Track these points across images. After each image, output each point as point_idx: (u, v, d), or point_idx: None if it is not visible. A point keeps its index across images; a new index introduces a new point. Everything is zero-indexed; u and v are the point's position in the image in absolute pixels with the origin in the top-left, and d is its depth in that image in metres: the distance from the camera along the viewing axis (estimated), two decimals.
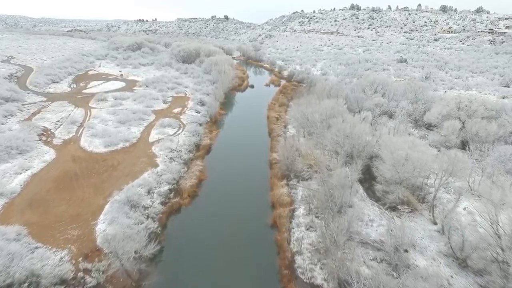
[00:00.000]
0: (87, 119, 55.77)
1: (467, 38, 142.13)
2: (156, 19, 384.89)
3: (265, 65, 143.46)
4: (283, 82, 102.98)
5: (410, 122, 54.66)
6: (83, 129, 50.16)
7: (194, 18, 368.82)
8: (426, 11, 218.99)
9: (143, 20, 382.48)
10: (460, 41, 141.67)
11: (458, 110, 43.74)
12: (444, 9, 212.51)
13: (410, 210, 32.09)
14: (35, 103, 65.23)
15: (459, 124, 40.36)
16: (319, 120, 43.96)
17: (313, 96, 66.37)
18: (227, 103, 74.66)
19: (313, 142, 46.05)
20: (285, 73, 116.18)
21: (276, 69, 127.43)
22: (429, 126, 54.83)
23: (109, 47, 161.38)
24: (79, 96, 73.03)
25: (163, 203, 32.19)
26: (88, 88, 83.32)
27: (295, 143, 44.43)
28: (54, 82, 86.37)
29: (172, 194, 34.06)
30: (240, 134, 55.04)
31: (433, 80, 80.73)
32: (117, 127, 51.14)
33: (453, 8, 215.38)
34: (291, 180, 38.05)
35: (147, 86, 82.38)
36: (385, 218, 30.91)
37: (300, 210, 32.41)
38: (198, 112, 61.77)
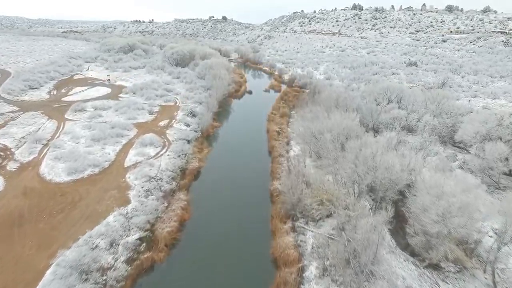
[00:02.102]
0: (57, 135, 47.75)
1: (478, 39, 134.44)
2: (153, 20, 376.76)
3: (264, 68, 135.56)
4: (283, 87, 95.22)
5: (434, 136, 46.79)
6: (48, 149, 42.12)
7: (192, 19, 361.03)
8: (431, 11, 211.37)
9: (139, 21, 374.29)
10: (470, 42, 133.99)
11: (500, 127, 35.85)
12: (450, 9, 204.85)
13: (457, 269, 24.22)
14: (3, 114, 57.27)
15: (506, 148, 32.44)
16: (331, 139, 36.03)
17: (319, 106, 58.64)
18: (222, 112, 66.71)
19: (323, 167, 38.22)
20: (286, 77, 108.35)
21: (276, 73, 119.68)
22: (456, 142, 47.09)
23: (100, 49, 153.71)
24: (56, 105, 65.14)
25: (129, 261, 24.19)
26: (70, 95, 75.46)
27: (300, 168, 36.55)
28: (32, 89, 78.45)
29: (144, 245, 26.05)
30: (236, 153, 47.01)
31: (450, 86, 72.95)
32: (89, 146, 43.12)
33: (459, 8, 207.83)
34: (297, 220, 30.13)
35: (134, 93, 74.49)
36: (427, 284, 23.01)
37: (312, 269, 24.41)
38: (187, 125, 53.80)
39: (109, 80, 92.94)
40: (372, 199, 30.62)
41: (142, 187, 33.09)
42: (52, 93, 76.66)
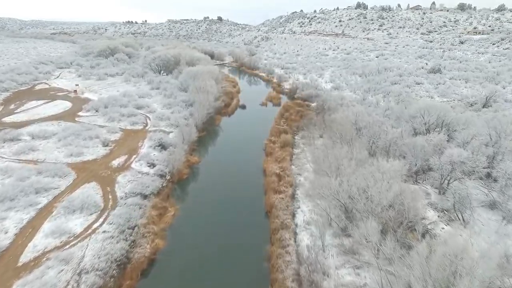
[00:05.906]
0: None
1: (502, 40, 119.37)
2: (145, 21, 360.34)
3: (261, 73, 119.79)
4: (284, 99, 79.92)
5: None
6: None
7: (186, 19, 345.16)
8: (441, 10, 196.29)
9: (132, 22, 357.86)
10: (493, 44, 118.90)
11: None
12: (462, 7, 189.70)
13: None
14: None
15: None
16: (373, 224, 20.54)
17: (333, 134, 43.34)
18: (204, 139, 51.17)
19: (355, 251, 22.79)
20: (286, 86, 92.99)
21: (275, 80, 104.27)
22: None
23: (79, 53, 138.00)
24: None
25: None
26: (18, 112, 59.98)
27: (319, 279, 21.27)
28: None
29: None
30: (216, 216, 31.17)
31: (495, 101, 57.72)
32: None
33: (472, 6, 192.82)
34: None
35: (96, 111, 58.96)
36: None
37: None
38: (151, 165, 38.13)
39: (75, 91, 77.34)
40: None
41: None
42: None
